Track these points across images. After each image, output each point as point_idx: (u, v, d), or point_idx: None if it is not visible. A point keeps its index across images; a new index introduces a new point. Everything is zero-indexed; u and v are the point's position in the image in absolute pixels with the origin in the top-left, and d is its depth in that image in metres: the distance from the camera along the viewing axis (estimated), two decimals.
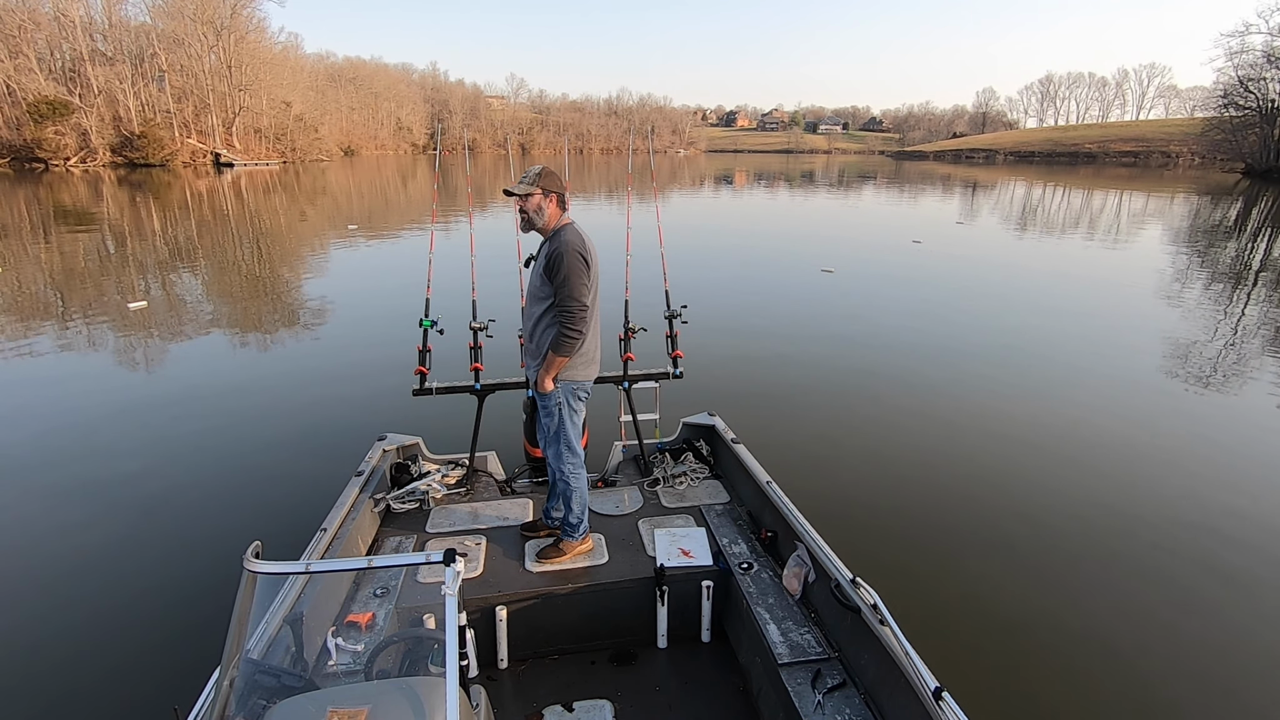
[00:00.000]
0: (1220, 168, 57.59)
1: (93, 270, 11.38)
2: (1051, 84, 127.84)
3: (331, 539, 2.72)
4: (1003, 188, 38.07)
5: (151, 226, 17.02)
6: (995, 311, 9.47)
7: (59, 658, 2.90)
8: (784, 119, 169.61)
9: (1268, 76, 46.57)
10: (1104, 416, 5.70)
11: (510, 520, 3.22)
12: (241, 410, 5.61)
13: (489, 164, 63.23)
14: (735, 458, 3.49)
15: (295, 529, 3.34)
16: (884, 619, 2.11)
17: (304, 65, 65.55)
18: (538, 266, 2.76)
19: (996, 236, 17.67)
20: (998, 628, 3.19)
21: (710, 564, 2.86)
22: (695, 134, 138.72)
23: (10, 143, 39.52)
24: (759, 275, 11.88)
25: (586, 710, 2.45)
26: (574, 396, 2.84)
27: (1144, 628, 3.20)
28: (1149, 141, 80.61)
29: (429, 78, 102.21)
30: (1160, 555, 3.78)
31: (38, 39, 41.74)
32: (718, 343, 7.56)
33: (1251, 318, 9.27)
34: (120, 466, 4.61)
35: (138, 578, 3.44)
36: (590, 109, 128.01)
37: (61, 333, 7.80)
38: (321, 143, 60.12)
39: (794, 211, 24.31)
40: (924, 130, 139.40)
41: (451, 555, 1.51)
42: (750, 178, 46.05)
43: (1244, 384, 6.63)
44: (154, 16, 47.83)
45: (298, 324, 8.48)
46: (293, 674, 1.74)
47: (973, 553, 3.77)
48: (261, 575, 1.55)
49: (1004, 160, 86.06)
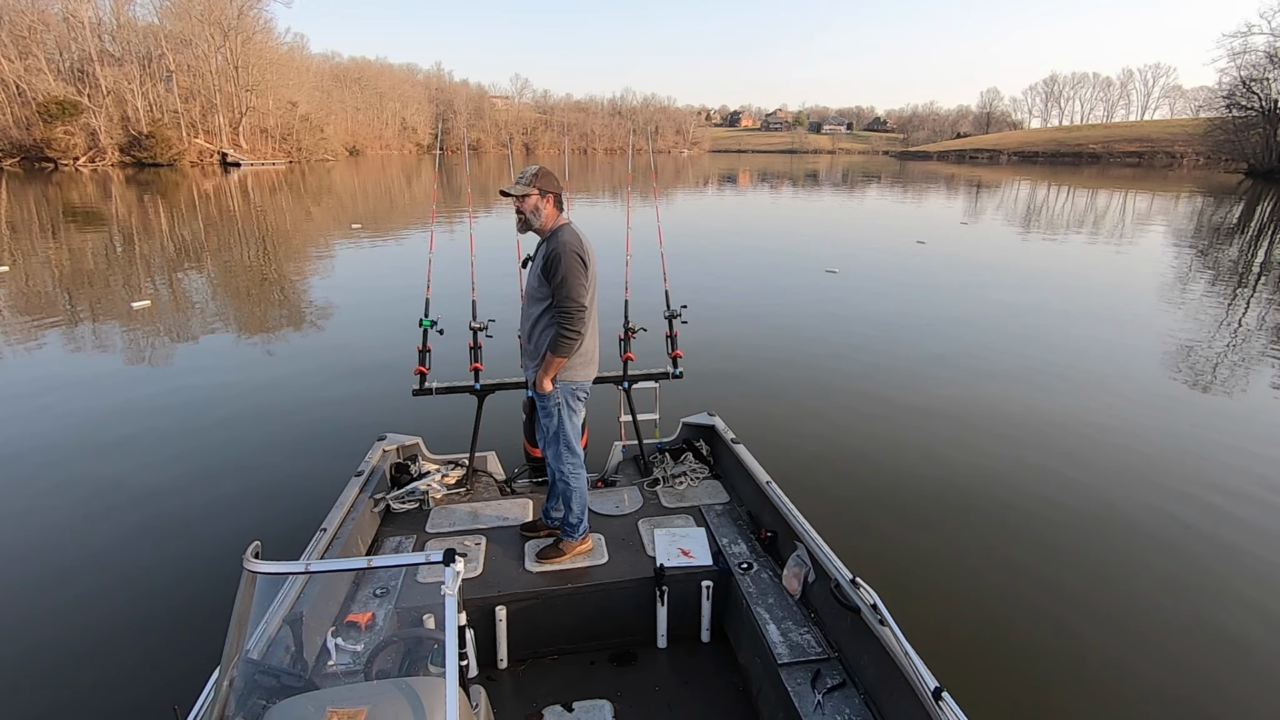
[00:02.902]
0: (1224, 168, 57.22)
1: (99, 269, 11.43)
2: (1056, 84, 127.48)
3: (331, 539, 2.72)
4: (1007, 188, 37.93)
5: (159, 225, 17.10)
6: (998, 313, 9.43)
7: (59, 657, 2.91)
8: (788, 119, 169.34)
9: (1270, 77, 46.32)
10: (1106, 418, 5.67)
11: (510, 520, 3.22)
12: (241, 410, 5.63)
13: (493, 164, 63.31)
14: (735, 458, 3.49)
15: (295, 529, 3.35)
16: (884, 619, 2.10)
17: (310, 65, 65.79)
18: (535, 267, 2.76)
19: (1001, 237, 17.60)
20: (998, 628, 3.18)
21: (710, 564, 2.86)
22: (699, 134, 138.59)
23: (20, 142, 39.78)
24: (761, 276, 11.87)
25: (586, 710, 2.45)
26: (573, 397, 2.84)
27: (1144, 627, 3.19)
28: (1153, 142, 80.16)
29: (434, 78, 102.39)
30: (1162, 556, 3.76)
31: (47, 40, 41.99)
32: (718, 343, 7.56)
33: (1255, 318, 9.22)
34: (120, 466, 4.63)
35: (137, 577, 3.45)
36: (594, 109, 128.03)
37: (65, 331, 7.84)
38: (327, 143, 60.30)
39: (798, 212, 24.26)
40: (928, 130, 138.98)
41: (451, 555, 1.52)
42: (754, 178, 45.99)
43: (1253, 384, 6.59)
44: (162, 17, 48.13)
45: (299, 324, 8.51)
46: (292, 674, 1.75)
47: (973, 553, 3.76)
48: (261, 575, 1.55)
49: (1008, 160, 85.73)
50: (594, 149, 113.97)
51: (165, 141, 43.95)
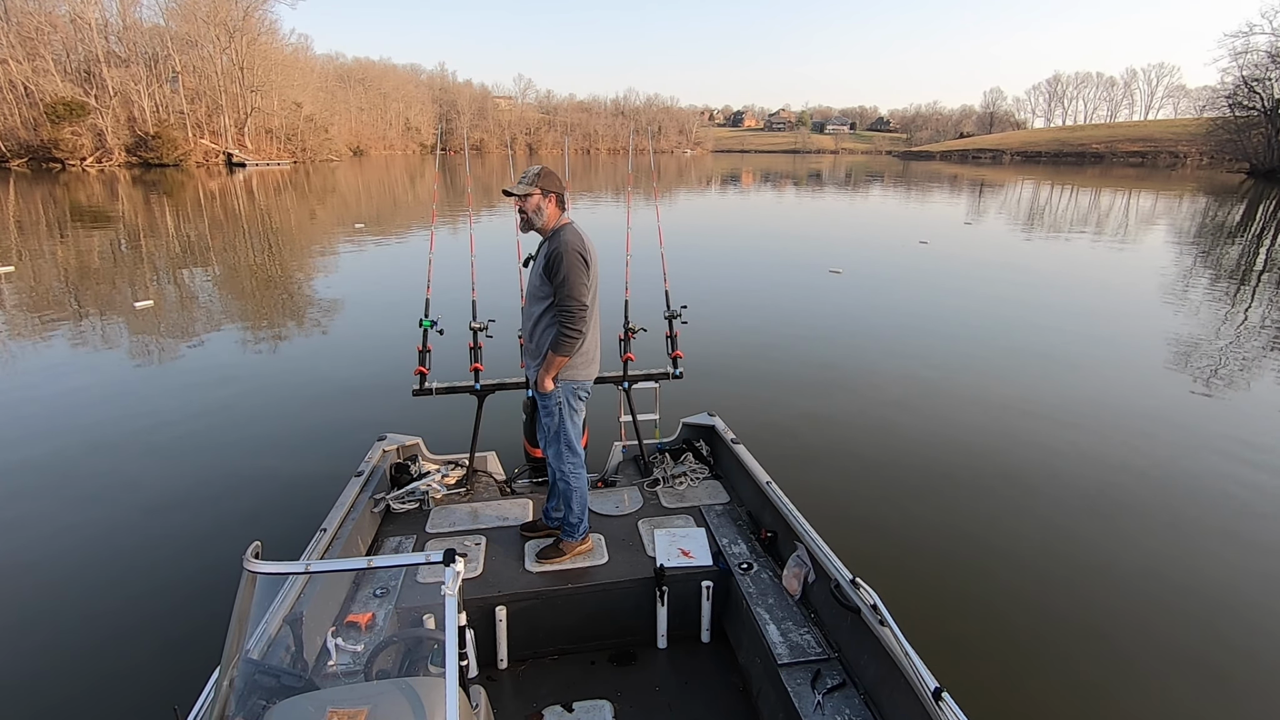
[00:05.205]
0: (1226, 168, 56.97)
1: (104, 268, 11.48)
2: (1059, 84, 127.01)
3: (331, 539, 2.73)
4: (1010, 188, 37.82)
5: (164, 225, 17.17)
6: (1001, 313, 9.41)
7: (60, 658, 2.92)
8: (791, 119, 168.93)
9: (1272, 76, 46.12)
10: (1109, 418, 5.65)
11: (510, 520, 3.23)
12: (242, 410, 5.65)
13: (496, 164, 63.38)
14: (735, 458, 3.49)
15: (295, 529, 3.36)
16: (884, 619, 2.10)
17: (314, 66, 65.96)
18: (537, 266, 2.77)
19: (1004, 237, 17.56)
20: (998, 628, 3.17)
21: (710, 564, 2.85)
22: (702, 134, 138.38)
23: (28, 143, 40.04)
24: (763, 276, 11.86)
25: (586, 710, 2.45)
26: (574, 396, 2.85)
27: (1145, 628, 3.18)
28: (1157, 142, 79.81)
29: (437, 78, 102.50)
30: (1165, 556, 3.75)
31: (54, 41, 42.20)
32: (718, 343, 7.55)
33: (1257, 316, 9.17)
34: (120, 466, 4.65)
35: (138, 577, 3.46)
36: (597, 109, 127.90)
37: (67, 332, 7.87)
38: (331, 143, 60.48)
39: (801, 212, 24.23)
40: (931, 130, 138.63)
41: (451, 555, 1.52)
42: (757, 178, 45.95)
43: (1258, 381, 6.56)
44: (168, 19, 48.35)
45: (300, 324, 8.53)
46: (292, 674, 1.75)
47: (973, 553, 3.76)
48: (261, 575, 1.56)
49: (1010, 160, 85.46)
50: (597, 149, 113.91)
51: (171, 142, 44.13)
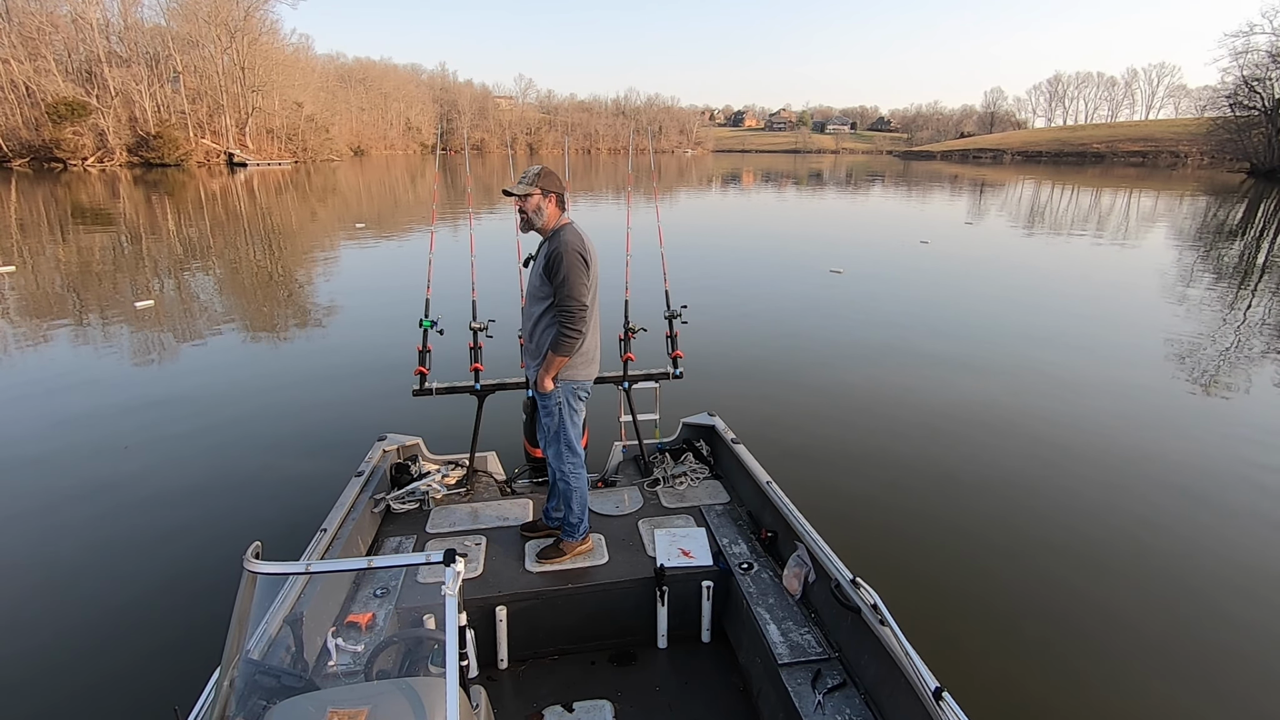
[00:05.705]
0: (1227, 168, 56.91)
1: (105, 268, 11.49)
2: (1060, 84, 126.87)
3: (331, 539, 2.73)
4: (1010, 188, 37.80)
5: (166, 225, 17.18)
6: (1001, 313, 9.40)
7: (60, 658, 2.92)
8: (792, 119, 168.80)
9: (1272, 76, 46.07)
10: (1110, 418, 5.65)
11: (510, 520, 3.23)
12: (242, 410, 5.65)
13: (496, 164, 63.38)
14: (735, 458, 3.49)
15: (295, 529, 3.35)
16: (884, 619, 2.10)
17: (315, 66, 65.97)
18: (537, 266, 2.77)
19: (1005, 237, 17.55)
20: (998, 628, 3.17)
21: (710, 564, 2.85)
22: (703, 134, 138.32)
23: (30, 143, 40.09)
24: (763, 275, 11.86)
25: (586, 710, 2.45)
26: (574, 396, 2.85)
27: (1145, 628, 3.18)
28: (1157, 141, 79.70)
29: (438, 78, 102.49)
30: (1167, 555, 3.75)
31: (56, 41, 42.23)
32: (719, 343, 7.55)
33: (1258, 315, 9.16)
34: (120, 466, 4.65)
35: (138, 577, 3.46)
36: (598, 109, 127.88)
37: (68, 331, 7.88)
38: (332, 143, 60.50)
39: (802, 212, 24.23)
40: (932, 130, 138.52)
41: (451, 555, 1.52)
42: (758, 178, 45.94)
43: (1258, 381, 6.55)
44: (169, 19, 48.39)
45: (300, 324, 8.54)
46: (293, 674, 1.75)
47: (973, 553, 3.75)
48: (261, 575, 1.56)
49: (1011, 160, 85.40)
50: (598, 149, 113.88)
51: (172, 142, 44.17)
